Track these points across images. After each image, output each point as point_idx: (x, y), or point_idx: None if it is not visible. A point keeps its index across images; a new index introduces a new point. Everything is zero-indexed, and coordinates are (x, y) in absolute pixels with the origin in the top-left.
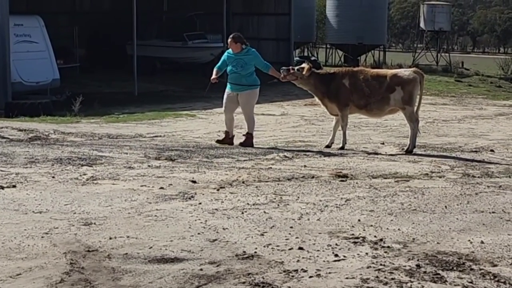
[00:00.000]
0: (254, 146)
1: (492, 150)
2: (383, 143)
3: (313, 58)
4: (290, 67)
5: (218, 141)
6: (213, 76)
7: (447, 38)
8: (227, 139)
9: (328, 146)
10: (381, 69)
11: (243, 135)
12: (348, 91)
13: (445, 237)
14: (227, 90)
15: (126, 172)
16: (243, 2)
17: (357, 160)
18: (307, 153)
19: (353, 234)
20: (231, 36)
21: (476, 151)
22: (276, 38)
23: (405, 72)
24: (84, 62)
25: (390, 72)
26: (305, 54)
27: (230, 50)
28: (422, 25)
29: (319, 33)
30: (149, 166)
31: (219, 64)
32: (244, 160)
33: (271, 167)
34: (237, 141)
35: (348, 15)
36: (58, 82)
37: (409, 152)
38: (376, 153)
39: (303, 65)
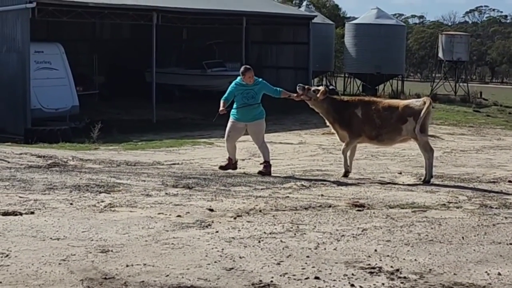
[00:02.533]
0: (272, 174)
1: (510, 181)
2: (400, 173)
3: (331, 87)
4: (307, 86)
5: (221, 167)
6: (221, 107)
7: (465, 68)
8: (231, 165)
9: (345, 176)
10: (393, 100)
11: (261, 163)
12: (360, 122)
13: (462, 268)
14: (233, 119)
15: (144, 199)
16: (262, 31)
17: (374, 189)
18: (324, 182)
19: (369, 264)
20: (247, 67)
21: (494, 182)
22: (295, 67)
23: (416, 103)
24: (103, 89)
25: (402, 103)
26: (323, 83)
27: (239, 81)
28: (440, 55)
29: (337, 62)
30: (166, 193)
31: (226, 95)
32: (262, 189)
33: (288, 196)
34: (255, 169)
35: (367, 45)
36: (77, 109)
37: (426, 182)
38: (393, 183)
39: (320, 87)
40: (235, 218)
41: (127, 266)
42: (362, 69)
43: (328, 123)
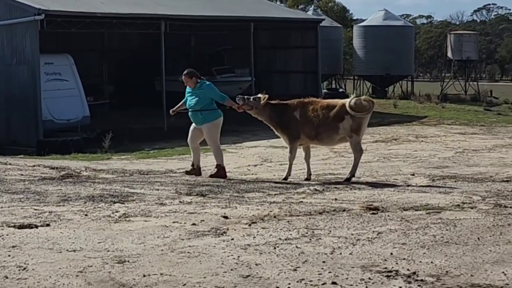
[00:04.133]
0: (228, 177)
1: None
2: (413, 174)
3: (341, 90)
4: (246, 97)
5: (187, 172)
6: (174, 108)
7: (475, 67)
8: (194, 170)
9: (307, 179)
10: (333, 99)
11: (215, 167)
12: (299, 124)
13: (479, 269)
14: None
15: (158, 208)
16: (270, 36)
17: (387, 192)
18: (338, 186)
19: (386, 268)
20: (184, 72)
21: (507, 181)
22: (304, 71)
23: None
24: (113, 99)
25: (340, 101)
26: (333, 86)
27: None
28: (449, 54)
29: (346, 65)
30: (180, 202)
31: (184, 99)
32: (275, 194)
33: (302, 201)
34: (267, 174)
35: (375, 47)
36: (89, 119)
37: (347, 180)
38: (407, 185)
39: (259, 95)
40: (250, 225)
41: (144, 276)
42: (371, 71)
43: (273, 129)
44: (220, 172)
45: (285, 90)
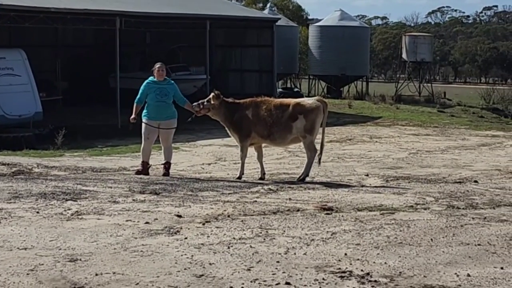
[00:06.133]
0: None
1: (476, 181)
2: (367, 175)
3: (296, 90)
4: (200, 101)
5: (137, 172)
6: (133, 115)
7: (429, 68)
8: (146, 169)
9: (261, 179)
10: (286, 99)
11: (162, 164)
12: (251, 123)
13: (432, 270)
14: (146, 120)
15: (111, 206)
16: (226, 34)
17: (342, 192)
18: (292, 186)
19: (339, 268)
20: (160, 64)
21: (460, 182)
22: (259, 70)
23: (308, 101)
24: (66, 95)
25: (293, 101)
26: (288, 85)
27: (152, 78)
28: (404, 56)
29: (302, 65)
30: (133, 200)
31: (139, 96)
32: (229, 194)
33: (256, 201)
34: (221, 173)
35: (331, 47)
36: (41, 115)
37: (301, 180)
38: (361, 185)
39: (210, 95)
40: (203, 224)
41: (96, 275)
42: (326, 71)
43: (226, 128)
44: (169, 169)
45: (240, 89)
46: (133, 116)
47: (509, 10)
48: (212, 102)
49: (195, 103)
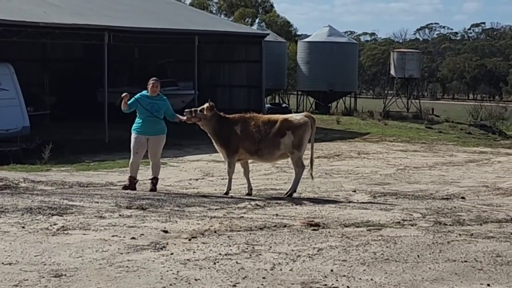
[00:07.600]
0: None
1: (463, 197)
2: (354, 191)
3: (284, 105)
4: (193, 109)
5: (125, 187)
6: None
7: (417, 85)
8: (134, 184)
9: (248, 194)
10: (275, 115)
11: (150, 179)
12: (239, 138)
13: (418, 287)
14: (135, 134)
15: (97, 221)
16: (214, 49)
17: (329, 208)
18: (279, 202)
19: (326, 285)
20: (155, 79)
21: (447, 199)
22: (248, 85)
23: (296, 117)
24: (54, 110)
25: (281, 117)
26: (276, 101)
27: (145, 92)
28: (392, 72)
29: (290, 80)
30: (120, 215)
31: (130, 101)
32: (216, 209)
33: (242, 216)
34: (208, 189)
35: (319, 62)
36: (28, 129)
37: (288, 196)
38: (348, 201)
39: (205, 105)
40: (190, 240)
41: None
42: (315, 86)
43: (213, 142)
44: (156, 184)
45: (228, 104)
46: (124, 94)
47: (496, 27)
48: (205, 112)
49: (187, 110)
